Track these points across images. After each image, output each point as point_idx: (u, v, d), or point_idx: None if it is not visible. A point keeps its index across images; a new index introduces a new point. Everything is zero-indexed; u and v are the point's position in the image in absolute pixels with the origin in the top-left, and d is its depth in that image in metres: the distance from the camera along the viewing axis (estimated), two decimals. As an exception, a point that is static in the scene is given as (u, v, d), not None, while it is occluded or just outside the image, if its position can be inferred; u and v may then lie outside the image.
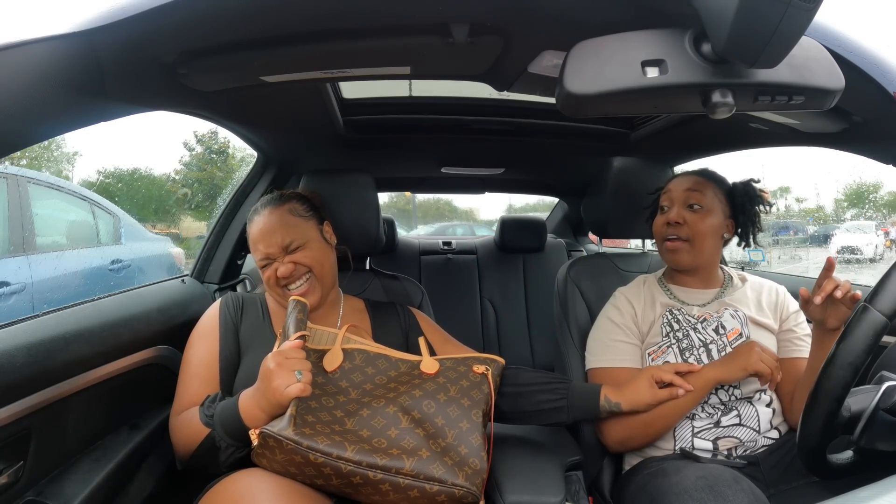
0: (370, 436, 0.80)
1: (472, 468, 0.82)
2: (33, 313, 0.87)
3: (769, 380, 0.93)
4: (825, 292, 0.86)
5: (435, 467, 0.78)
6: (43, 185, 2.71)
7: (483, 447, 0.85)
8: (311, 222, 1.04)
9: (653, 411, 0.96)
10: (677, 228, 1.07)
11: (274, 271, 0.98)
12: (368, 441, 0.79)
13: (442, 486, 0.78)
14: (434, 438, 0.83)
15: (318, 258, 1.01)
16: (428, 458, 0.79)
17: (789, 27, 0.48)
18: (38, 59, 0.56)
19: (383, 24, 0.70)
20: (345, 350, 0.91)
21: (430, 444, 0.81)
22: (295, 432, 0.74)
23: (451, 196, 14.97)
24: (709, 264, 1.10)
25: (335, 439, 0.76)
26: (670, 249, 1.08)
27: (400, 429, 0.82)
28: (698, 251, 1.06)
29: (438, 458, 0.80)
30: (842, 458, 0.74)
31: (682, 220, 1.06)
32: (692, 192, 1.08)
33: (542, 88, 0.93)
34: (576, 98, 0.54)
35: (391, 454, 0.78)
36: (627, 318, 1.08)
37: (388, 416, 0.83)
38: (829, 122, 0.90)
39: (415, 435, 0.82)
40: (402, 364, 0.93)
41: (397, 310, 1.10)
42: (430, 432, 0.83)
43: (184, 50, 0.71)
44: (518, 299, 2.25)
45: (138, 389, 1.03)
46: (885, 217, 10.63)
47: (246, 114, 1.16)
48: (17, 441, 0.77)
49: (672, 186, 1.11)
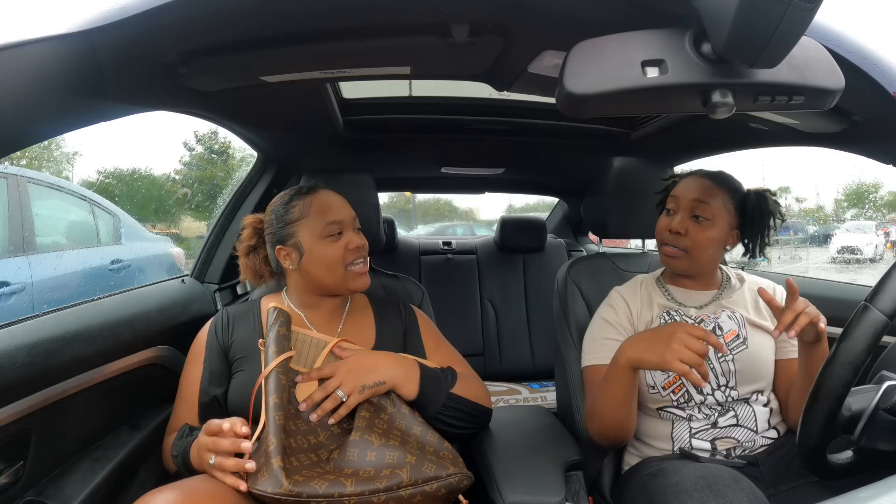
0: (355, 471, 0.80)
1: (449, 453, 0.86)
2: (33, 313, 0.87)
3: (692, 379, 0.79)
4: (783, 326, 0.85)
5: (427, 467, 0.81)
6: (43, 185, 2.71)
7: (441, 438, 0.89)
8: None
9: (601, 401, 0.95)
10: (677, 238, 1.05)
11: (345, 245, 0.97)
12: (357, 475, 0.79)
13: (440, 482, 0.81)
14: (406, 441, 0.84)
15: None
16: (417, 462, 0.81)
17: (789, 27, 0.48)
18: (38, 59, 0.56)
19: (383, 23, 0.71)
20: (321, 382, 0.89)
21: (410, 449, 0.83)
22: (290, 482, 0.73)
23: (451, 196, 14.95)
24: (707, 270, 1.10)
25: (329, 479, 0.77)
26: (668, 255, 1.08)
27: (375, 449, 0.82)
28: (696, 261, 1.06)
29: (423, 458, 0.82)
30: (842, 458, 0.73)
31: (684, 230, 1.04)
32: (699, 202, 1.04)
33: (542, 88, 0.93)
34: (576, 98, 0.54)
35: (385, 476, 0.79)
36: (622, 318, 1.08)
37: (358, 443, 0.83)
38: (829, 122, 0.90)
39: (391, 447, 0.82)
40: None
41: (399, 307, 1.10)
42: (398, 437, 0.85)
43: (183, 50, 0.71)
44: (518, 299, 2.26)
45: (138, 389, 1.03)
46: (884, 217, 10.64)
47: (246, 114, 1.16)
48: (17, 441, 0.77)
49: (680, 191, 1.08)
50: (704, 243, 1.04)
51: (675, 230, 1.05)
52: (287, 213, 0.99)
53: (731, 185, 1.07)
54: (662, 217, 1.11)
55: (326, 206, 0.99)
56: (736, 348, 1.02)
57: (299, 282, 1.01)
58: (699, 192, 1.05)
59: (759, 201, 1.06)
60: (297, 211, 0.98)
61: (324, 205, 0.99)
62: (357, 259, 0.99)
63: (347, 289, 1.00)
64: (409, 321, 1.09)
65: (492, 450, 1.00)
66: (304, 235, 0.97)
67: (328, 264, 0.97)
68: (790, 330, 0.85)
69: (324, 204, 0.99)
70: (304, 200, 0.99)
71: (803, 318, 0.85)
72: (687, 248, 1.05)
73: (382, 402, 0.88)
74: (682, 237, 1.05)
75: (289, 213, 0.99)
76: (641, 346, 0.85)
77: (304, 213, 0.98)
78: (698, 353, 0.79)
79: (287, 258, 0.99)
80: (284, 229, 0.99)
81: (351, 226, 1.00)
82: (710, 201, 1.04)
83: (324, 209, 0.98)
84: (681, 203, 1.07)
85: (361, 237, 1.00)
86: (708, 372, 0.87)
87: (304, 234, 0.97)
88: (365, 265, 1.01)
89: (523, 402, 1.96)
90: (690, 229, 1.04)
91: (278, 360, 0.84)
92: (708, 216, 1.04)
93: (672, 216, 1.08)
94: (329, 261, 0.97)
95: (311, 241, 0.97)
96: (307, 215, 0.98)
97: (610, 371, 0.92)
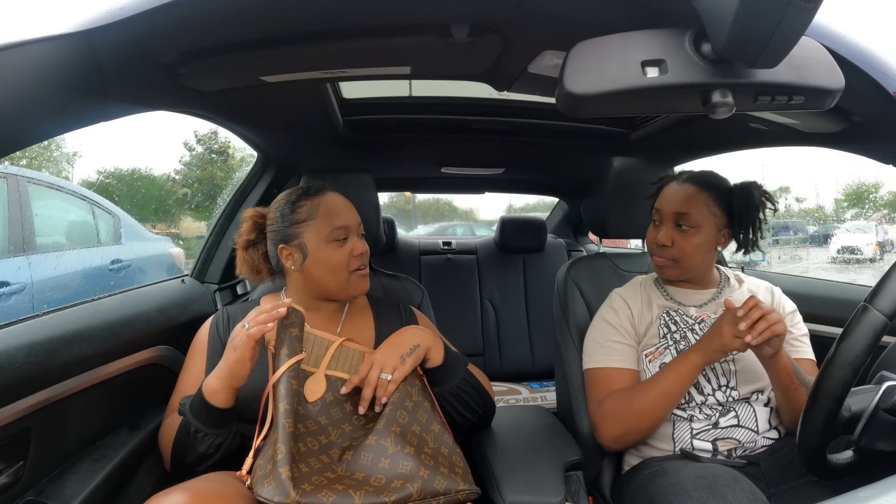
0: (366, 477, 0.79)
1: (460, 466, 0.84)
2: (33, 313, 0.87)
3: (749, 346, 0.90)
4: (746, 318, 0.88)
5: (437, 483, 0.79)
6: (43, 185, 2.72)
7: (455, 442, 0.88)
8: None
9: (644, 401, 0.96)
10: (665, 249, 1.06)
11: (350, 251, 0.97)
12: (367, 483, 0.78)
13: (448, 497, 0.80)
14: (421, 449, 0.83)
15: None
16: (429, 476, 0.79)
17: (789, 27, 0.48)
18: (38, 59, 0.56)
19: (383, 24, 0.70)
20: (328, 377, 0.89)
21: (423, 459, 0.81)
22: (298, 493, 0.71)
23: (451, 196, 15.00)
24: (701, 273, 1.10)
25: (338, 489, 0.75)
26: (658, 265, 1.09)
27: (389, 456, 0.80)
28: (686, 268, 1.06)
29: (435, 471, 0.80)
30: (842, 458, 0.73)
31: (669, 241, 1.05)
32: (680, 213, 1.04)
33: (542, 88, 0.93)
34: (576, 98, 0.54)
35: (395, 488, 0.77)
36: (623, 319, 1.08)
37: (373, 448, 0.81)
38: (829, 122, 0.90)
39: (405, 456, 0.81)
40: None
41: (399, 308, 1.10)
42: (414, 444, 0.83)
43: (183, 50, 0.71)
44: (518, 299, 2.26)
45: (138, 389, 1.03)
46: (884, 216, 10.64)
47: (246, 114, 1.16)
48: (17, 441, 0.77)
49: (663, 202, 1.08)
50: (692, 251, 1.04)
51: (660, 243, 1.06)
52: (294, 212, 0.98)
53: (715, 185, 1.06)
54: (650, 228, 1.11)
55: (334, 210, 0.98)
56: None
57: (300, 283, 1.00)
58: (680, 202, 1.05)
59: (744, 197, 1.04)
60: (305, 212, 0.97)
61: (332, 208, 0.98)
62: (360, 265, 0.99)
63: (348, 293, 1.00)
64: (409, 322, 1.08)
65: (492, 450, 1.00)
66: (309, 237, 0.96)
67: (332, 269, 0.97)
68: (750, 335, 0.87)
69: (332, 207, 0.98)
70: (312, 202, 0.98)
71: (762, 323, 0.87)
72: (675, 257, 1.05)
73: (409, 388, 0.88)
74: (669, 248, 1.05)
75: (295, 212, 0.98)
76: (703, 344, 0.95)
77: (311, 215, 0.97)
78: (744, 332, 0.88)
79: (289, 258, 0.98)
80: (290, 229, 0.98)
81: (356, 231, 1.00)
82: (692, 210, 1.03)
83: (332, 213, 0.97)
84: (664, 214, 1.07)
85: (364, 244, 1.00)
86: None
87: (310, 236, 0.96)
88: (366, 270, 1.01)
89: (523, 402, 1.96)
90: (676, 239, 1.05)
91: (290, 363, 0.81)
92: (692, 224, 1.04)
93: (658, 227, 1.08)
94: (333, 265, 0.96)
95: (317, 244, 0.96)
96: (314, 217, 0.97)
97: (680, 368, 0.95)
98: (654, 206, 1.11)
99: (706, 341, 0.95)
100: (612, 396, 1.02)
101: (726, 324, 0.92)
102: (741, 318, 0.89)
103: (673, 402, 0.97)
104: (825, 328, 1.31)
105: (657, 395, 0.96)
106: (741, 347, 0.90)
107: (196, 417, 0.81)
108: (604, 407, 1.02)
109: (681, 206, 1.04)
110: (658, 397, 0.96)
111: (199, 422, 0.81)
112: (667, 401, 0.96)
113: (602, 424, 1.02)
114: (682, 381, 0.95)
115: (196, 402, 0.82)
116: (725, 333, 0.91)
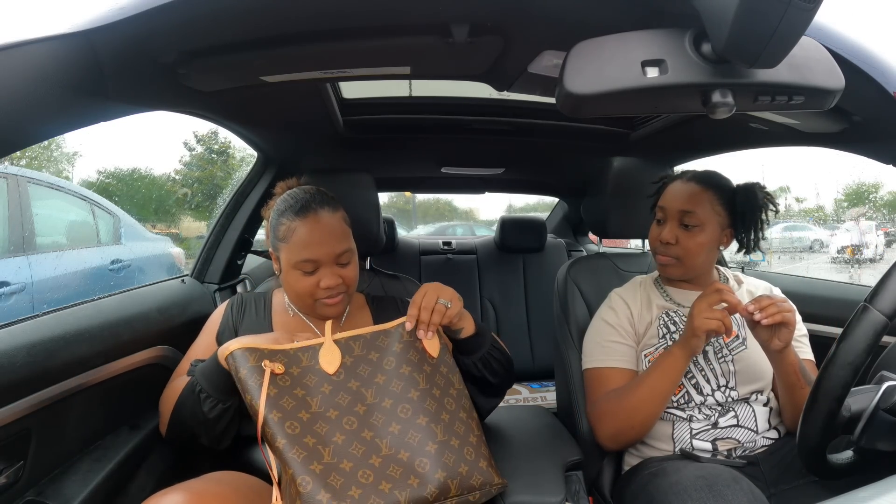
0: (410, 458, 0.77)
1: (489, 457, 0.83)
2: (33, 313, 0.87)
3: (726, 331, 0.90)
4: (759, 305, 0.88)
5: (475, 479, 0.78)
6: (43, 185, 2.72)
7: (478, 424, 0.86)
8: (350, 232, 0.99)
9: (632, 399, 0.96)
10: (668, 248, 1.06)
11: (317, 282, 0.92)
12: (412, 469, 0.76)
13: (483, 491, 0.79)
14: (468, 435, 0.82)
15: (357, 275, 0.97)
16: (467, 473, 0.78)
17: (789, 27, 0.48)
18: (38, 59, 0.56)
19: (383, 24, 0.70)
20: (337, 342, 0.84)
21: (466, 453, 0.79)
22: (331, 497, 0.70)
23: (451, 196, 15.01)
24: (702, 272, 1.10)
25: (383, 491, 0.73)
26: (661, 263, 1.09)
27: (437, 443, 0.78)
28: (689, 267, 1.06)
29: (475, 466, 0.79)
30: (842, 458, 0.73)
31: (673, 240, 1.05)
32: (685, 212, 1.04)
33: (542, 88, 0.93)
34: (576, 98, 0.54)
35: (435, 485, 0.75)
36: (623, 319, 1.08)
37: (395, 435, 0.78)
38: (829, 122, 0.90)
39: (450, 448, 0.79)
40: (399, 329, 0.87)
41: (397, 303, 1.10)
42: (454, 428, 0.81)
43: (183, 50, 0.71)
44: (518, 299, 2.26)
45: (138, 389, 1.03)
46: (884, 216, 10.65)
47: (246, 114, 1.16)
48: (17, 441, 0.77)
49: (667, 200, 1.08)
50: (695, 250, 1.04)
51: (665, 241, 1.06)
52: (277, 226, 0.95)
53: (719, 185, 1.06)
54: (654, 226, 1.11)
55: (306, 242, 0.91)
56: (735, 349, 1.02)
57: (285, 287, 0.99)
58: (685, 200, 1.05)
59: (748, 197, 1.05)
60: (283, 231, 0.93)
61: (303, 240, 0.91)
62: (327, 296, 0.93)
63: (315, 315, 0.98)
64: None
65: (492, 450, 1.00)
66: (283, 255, 0.94)
67: (296, 293, 0.95)
68: (760, 313, 0.87)
69: (303, 239, 0.91)
70: (290, 224, 0.92)
71: (772, 307, 0.87)
72: (678, 256, 1.05)
73: (450, 375, 0.86)
74: (673, 246, 1.05)
75: (278, 227, 0.94)
76: (682, 335, 0.95)
77: (286, 238, 0.92)
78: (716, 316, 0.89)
79: (276, 263, 0.99)
80: (273, 238, 0.96)
81: (330, 263, 0.93)
82: (697, 208, 1.04)
83: (302, 244, 0.91)
84: (668, 212, 1.07)
85: (336, 277, 0.92)
86: (732, 324, 0.91)
87: (283, 255, 0.94)
88: (336, 298, 0.94)
89: (523, 402, 1.96)
90: (680, 238, 1.05)
91: (263, 397, 0.75)
92: (696, 223, 1.04)
93: (662, 225, 1.08)
94: (297, 291, 0.94)
95: (287, 266, 0.94)
96: (287, 241, 0.92)
97: (664, 363, 0.95)
98: (657, 205, 1.11)
99: (684, 331, 0.95)
100: (607, 395, 1.02)
101: (696, 304, 0.92)
102: (715, 299, 0.90)
103: (662, 398, 0.96)
104: (825, 328, 1.31)
105: (644, 392, 0.96)
106: (717, 328, 0.89)
107: (205, 378, 0.82)
108: (599, 406, 1.03)
109: (685, 205, 1.04)
110: (645, 393, 0.96)
111: (207, 381, 0.82)
112: (654, 396, 0.96)
113: (598, 423, 1.03)
114: (667, 375, 0.95)
115: (208, 365, 0.83)
116: (696, 314, 0.90)
